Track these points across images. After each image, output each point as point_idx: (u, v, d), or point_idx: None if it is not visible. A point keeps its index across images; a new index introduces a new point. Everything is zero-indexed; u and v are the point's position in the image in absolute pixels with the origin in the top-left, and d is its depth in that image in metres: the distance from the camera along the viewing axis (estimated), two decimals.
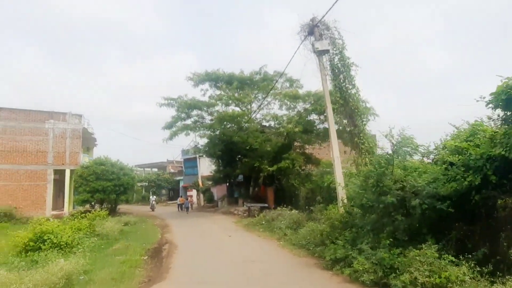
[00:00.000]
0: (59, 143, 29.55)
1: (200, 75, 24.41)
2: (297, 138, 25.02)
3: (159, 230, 19.19)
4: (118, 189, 28.79)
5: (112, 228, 16.20)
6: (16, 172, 28.23)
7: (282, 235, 13.22)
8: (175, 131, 24.12)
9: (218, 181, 31.44)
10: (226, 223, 20.42)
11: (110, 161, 29.68)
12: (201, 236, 16.03)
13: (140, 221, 23.87)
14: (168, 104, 24.81)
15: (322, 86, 12.67)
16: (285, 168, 22.37)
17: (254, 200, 26.45)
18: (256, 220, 18.20)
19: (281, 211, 16.97)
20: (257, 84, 25.38)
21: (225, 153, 26.81)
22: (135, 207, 44.63)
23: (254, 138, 23.37)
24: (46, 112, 29.64)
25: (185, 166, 46.53)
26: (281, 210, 17.09)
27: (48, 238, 12.04)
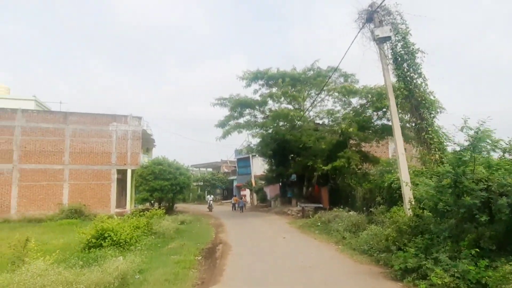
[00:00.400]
0: (121, 144, 31.04)
1: (252, 73, 24.05)
2: (352, 136, 23.63)
3: (213, 229, 19.10)
4: (174, 188, 29.47)
5: (168, 226, 16.35)
6: (85, 172, 30.12)
7: (341, 239, 12.23)
8: (228, 129, 24.01)
9: (271, 180, 30.93)
10: (280, 224, 19.78)
11: (167, 161, 30.52)
12: (255, 236, 15.54)
13: (195, 220, 24.11)
14: (220, 103, 24.82)
15: (384, 76, 11.47)
16: (340, 167, 21.15)
17: (307, 200, 25.50)
18: (311, 221, 17.30)
19: (337, 212, 15.92)
20: (309, 81, 24.41)
21: (278, 152, 26.18)
22: (191, 206, 45.85)
23: (308, 136, 22.44)
24: (110, 115, 31.31)
25: (238, 165, 46.75)
26: (338, 211, 16.03)
27: (109, 236, 12.30)
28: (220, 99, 24.67)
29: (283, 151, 26.23)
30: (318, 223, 16.30)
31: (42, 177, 29.05)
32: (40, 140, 29.25)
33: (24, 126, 29.01)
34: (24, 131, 28.97)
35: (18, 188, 28.51)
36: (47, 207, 28.70)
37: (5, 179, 28.19)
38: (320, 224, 16.01)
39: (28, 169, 28.78)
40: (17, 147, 28.70)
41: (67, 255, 12.03)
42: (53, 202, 29.00)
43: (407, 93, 11.44)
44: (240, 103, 24.22)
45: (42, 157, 29.20)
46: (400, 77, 11.49)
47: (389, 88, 11.44)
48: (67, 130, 30.00)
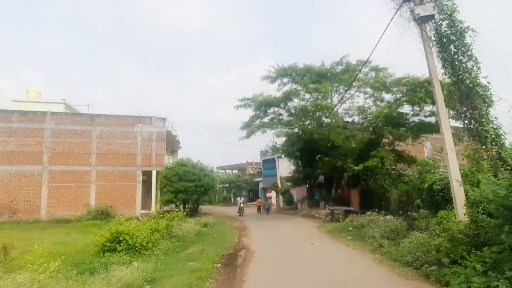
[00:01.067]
0: (146, 145, 30.65)
1: (276, 70, 22.73)
2: (385, 134, 21.77)
3: (236, 232, 17.92)
4: (199, 189, 28.62)
5: (189, 229, 15.33)
6: (111, 173, 29.91)
7: (377, 247, 10.64)
8: (252, 129, 22.76)
9: (297, 182, 29.41)
10: (308, 228, 18.30)
11: (192, 162, 29.75)
12: (280, 242, 14.18)
13: (219, 222, 23.04)
14: (244, 105, 23.64)
15: (427, 60, 9.85)
16: (373, 167, 19.41)
17: (336, 203, 23.81)
18: (341, 226, 15.73)
19: (372, 216, 14.25)
20: (338, 77, 22.75)
21: (305, 152, 24.66)
22: (217, 208, 45.01)
23: (336, 135, 20.82)
24: (135, 117, 31.01)
25: (264, 167, 45.51)
26: (372, 215, 14.36)
27: (124, 239, 11.38)
28: (243, 99, 23.54)
29: (310, 151, 24.70)
30: (350, 228, 14.71)
31: (70, 178, 29.10)
32: (68, 142, 29.34)
33: (53, 129, 29.19)
34: (53, 133, 29.15)
35: (48, 189, 28.67)
36: (75, 208, 28.67)
37: (35, 181, 28.42)
38: (352, 229, 14.42)
39: (57, 170, 28.90)
40: (47, 149, 28.90)
41: (81, 259, 11.25)
42: (81, 203, 28.96)
43: (454, 79, 9.73)
44: (264, 102, 22.95)
45: (70, 158, 29.26)
46: (447, 61, 9.79)
47: (434, 74, 9.81)
48: (94, 132, 29.94)
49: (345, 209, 19.90)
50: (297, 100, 22.97)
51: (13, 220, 26.64)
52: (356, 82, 22.72)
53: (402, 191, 18.37)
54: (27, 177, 28.23)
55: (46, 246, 14.22)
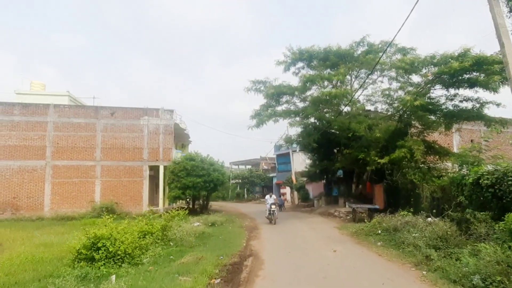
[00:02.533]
0: (153, 139, 28.71)
1: (292, 54, 20.09)
2: (413, 122, 18.95)
3: (245, 234, 15.60)
4: (208, 185, 26.47)
5: (189, 231, 13.09)
6: (117, 168, 28.11)
7: (422, 259, 8.07)
8: (262, 118, 20.24)
9: (313, 177, 26.81)
10: (327, 229, 15.80)
11: (200, 157, 27.61)
12: (296, 247, 11.76)
13: (228, 221, 20.82)
14: (256, 89, 21.13)
15: (491, 10, 7.22)
16: (401, 159, 16.71)
17: (357, 200, 21.19)
18: (367, 228, 13.18)
19: (407, 217, 11.65)
20: (358, 60, 19.99)
21: (322, 144, 22.00)
22: (229, 204, 42.90)
23: (358, 124, 18.15)
24: (141, 109, 29.06)
25: (278, 162, 43.07)
26: (408, 216, 11.77)
27: (104, 246, 9.21)
28: (255, 82, 20.99)
29: (327, 142, 22.09)
30: (379, 230, 12.17)
31: (74, 173, 27.44)
32: (72, 135, 27.65)
33: (56, 122, 27.54)
34: (57, 127, 27.51)
35: (51, 185, 27.08)
36: (79, 205, 27.08)
37: (38, 176, 26.85)
38: (381, 232, 11.87)
39: (60, 165, 27.28)
40: (50, 143, 27.29)
41: (53, 269, 9.17)
42: (85, 200, 27.34)
43: None
44: (277, 91, 20.37)
45: (74, 153, 27.58)
46: None
47: (502, 28, 7.16)
48: (98, 124, 28.16)
49: (368, 207, 17.29)
50: (315, 88, 20.34)
51: (15, 218, 25.14)
52: (379, 66, 19.95)
53: (436, 186, 15.63)
54: (30, 172, 26.69)
55: (25, 249, 12.38)
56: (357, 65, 20.05)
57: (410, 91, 16.71)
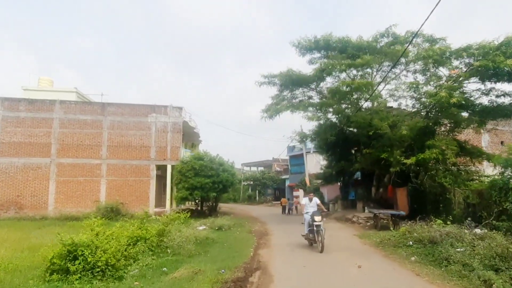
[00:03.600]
0: (160, 137, 27.33)
1: (308, 41, 18.24)
2: (442, 119, 16.85)
3: (254, 240, 13.84)
4: (217, 186, 24.84)
5: (189, 237, 11.41)
6: (123, 167, 26.85)
7: (479, 284, 6.16)
8: (278, 108, 18.36)
9: (329, 179, 24.78)
10: (346, 237, 13.86)
11: (209, 156, 26.03)
12: (312, 259, 9.93)
13: (236, 224, 19.12)
14: (269, 82, 19.38)
15: None
16: (430, 160, 14.69)
17: (378, 205, 19.17)
18: (394, 238, 11.21)
19: (448, 227, 9.67)
20: (382, 52, 18.01)
21: (339, 142, 20.06)
22: (240, 206, 41.22)
23: (381, 120, 16.17)
24: (149, 106, 27.75)
25: (291, 163, 41.17)
26: (448, 226, 9.78)
27: (82, 255, 7.61)
28: (268, 76, 19.23)
29: (345, 141, 20.14)
30: (410, 241, 10.21)
31: (79, 172, 26.28)
32: (78, 132, 26.53)
33: (62, 118, 26.48)
34: (62, 124, 26.44)
35: (56, 183, 26.00)
36: (84, 204, 25.90)
37: (43, 174, 25.79)
38: (413, 244, 9.91)
39: (65, 163, 26.17)
40: (55, 140, 26.23)
41: (22, 281, 7.64)
42: (90, 199, 26.17)
43: None
44: (292, 79, 18.50)
45: (80, 151, 26.44)
46: None
47: None
48: (105, 121, 26.96)
49: (392, 213, 15.26)
50: (330, 79, 18.47)
51: (18, 216, 24.15)
52: (403, 59, 17.97)
53: (472, 191, 13.57)
54: (34, 170, 25.64)
55: (6, 253, 10.95)
56: (379, 57, 18.06)
57: (442, 85, 14.60)
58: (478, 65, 13.27)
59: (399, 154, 15.83)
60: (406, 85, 16.55)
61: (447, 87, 13.93)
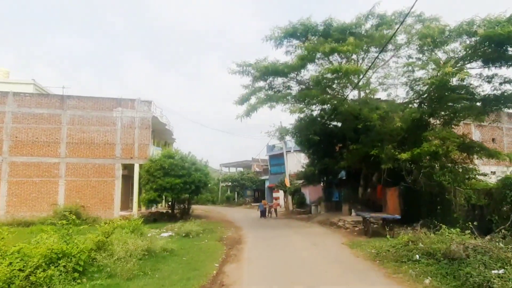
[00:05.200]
0: (127, 133, 24.25)
1: (283, 29, 15.75)
2: (440, 108, 14.69)
3: (223, 251, 11.18)
4: (189, 187, 22.01)
5: (133, 252, 8.61)
6: (84, 167, 23.61)
7: None
8: (254, 104, 15.76)
9: (311, 178, 22.35)
10: (333, 246, 11.37)
11: (180, 154, 23.17)
12: (294, 279, 7.36)
13: (207, 230, 16.42)
14: (242, 71, 16.73)
15: None
16: (428, 155, 12.49)
17: (366, 207, 16.90)
18: (395, 249, 8.76)
19: (472, 239, 7.31)
20: (368, 36, 15.73)
21: (322, 139, 17.67)
22: (218, 208, 38.38)
23: (371, 111, 13.86)
24: (114, 99, 24.64)
25: (270, 163, 38.66)
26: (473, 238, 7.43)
27: None
28: (242, 65, 16.56)
29: (329, 137, 17.82)
30: (416, 253, 7.81)
31: (34, 172, 22.92)
32: (34, 128, 23.16)
33: (15, 112, 23.04)
34: (16, 118, 23.00)
35: (8, 184, 22.56)
36: (40, 208, 22.60)
37: None
38: (422, 258, 7.51)
39: (19, 162, 22.75)
40: (7, 136, 22.77)
41: None
42: (47, 202, 22.91)
43: None
44: (269, 70, 15.95)
45: (35, 148, 23.07)
46: None
47: None
48: (64, 116, 23.69)
49: (384, 217, 12.95)
50: (312, 67, 16.03)
51: None
52: (392, 45, 15.84)
53: (479, 190, 11.42)
54: None
55: None
56: (366, 41, 15.75)
57: (442, 67, 12.38)
58: (483, 34, 11.11)
59: (391, 149, 13.59)
60: (400, 67, 14.20)
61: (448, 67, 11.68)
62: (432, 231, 9.27)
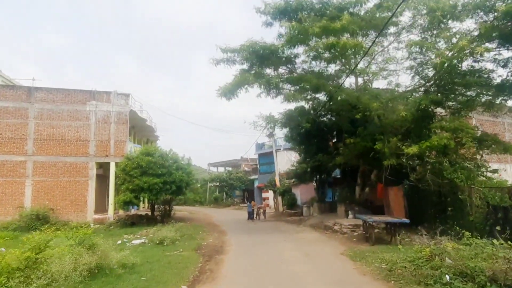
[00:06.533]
0: (102, 129, 21.88)
1: (275, 5, 13.67)
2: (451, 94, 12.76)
3: (198, 264, 8.99)
4: (169, 187, 19.74)
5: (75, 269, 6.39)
6: (54, 165, 21.18)
7: None
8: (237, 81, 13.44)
9: (303, 177, 20.27)
10: (330, 258, 9.27)
11: (160, 151, 20.88)
12: None
13: (185, 236, 14.25)
14: (227, 59, 14.51)
15: None
16: (440, 148, 10.55)
17: (364, 208, 14.95)
18: (413, 264, 6.76)
19: None
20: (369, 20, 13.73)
21: (316, 131, 15.60)
22: (204, 210, 36.06)
23: (372, 98, 11.85)
24: (88, 92, 22.24)
25: (260, 162, 36.58)
26: None
27: None
28: (226, 50, 14.32)
29: (323, 129, 15.77)
30: (445, 273, 5.79)
31: None
32: None
33: None
34: None
35: None
36: (4, 211, 20.33)
37: None
38: (454, 279, 5.50)
39: None
40: None
41: None
42: (12, 205, 20.54)
43: None
44: (258, 53, 13.78)
45: None
46: None
47: None
48: (32, 110, 21.23)
49: (390, 221, 10.94)
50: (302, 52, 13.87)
51: None
52: (394, 28, 13.93)
53: (503, 189, 9.53)
54: None
55: None
56: (365, 25, 13.70)
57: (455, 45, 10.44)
58: (504, 10, 9.24)
59: (395, 143, 11.62)
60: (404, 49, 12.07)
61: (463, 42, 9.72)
62: (451, 239, 7.33)
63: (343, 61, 12.68)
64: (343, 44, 10.79)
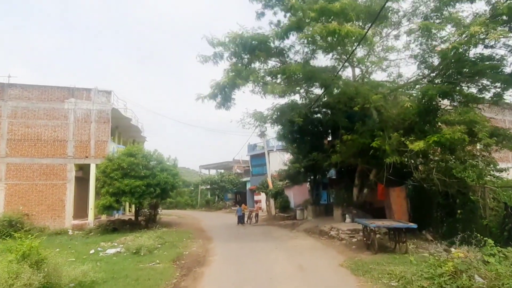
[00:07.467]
0: (81, 128, 20.32)
1: None
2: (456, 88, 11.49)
3: (173, 280, 7.54)
4: (153, 190, 18.25)
5: None
6: (29, 168, 19.52)
7: None
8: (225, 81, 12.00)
9: (296, 178, 18.87)
10: (328, 271, 7.84)
11: (143, 152, 19.38)
12: None
13: (167, 243, 12.85)
14: (215, 56, 12.99)
15: None
16: (453, 143, 9.26)
17: (363, 211, 13.61)
18: (432, 281, 5.43)
19: None
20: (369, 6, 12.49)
21: (309, 128, 14.27)
22: (195, 214, 34.47)
23: (372, 89, 10.54)
24: (66, 89, 20.68)
25: (252, 164, 35.16)
26: None
27: None
28: (212, 43, 12.74)
29: (318, 126, 14.43)
30: None
31: None
32: None
33: None
34: None
35: None
36: None
37: None
38: None
39: None
40: None
41: None
42: None
43: None
44: (247, 43, 12.32)
45: None
46: None
47: None
48: (5, 108, 19.63)
49: (395, 226, 9.59)
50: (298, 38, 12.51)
51: None
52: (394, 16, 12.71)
53: None
54: None
55: None
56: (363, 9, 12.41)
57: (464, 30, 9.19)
58: None
59: (398, 139, 10.32)
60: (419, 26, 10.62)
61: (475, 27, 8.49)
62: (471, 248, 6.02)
63: (340, 49, 11.34)
64: (346, 32, 9.41)
